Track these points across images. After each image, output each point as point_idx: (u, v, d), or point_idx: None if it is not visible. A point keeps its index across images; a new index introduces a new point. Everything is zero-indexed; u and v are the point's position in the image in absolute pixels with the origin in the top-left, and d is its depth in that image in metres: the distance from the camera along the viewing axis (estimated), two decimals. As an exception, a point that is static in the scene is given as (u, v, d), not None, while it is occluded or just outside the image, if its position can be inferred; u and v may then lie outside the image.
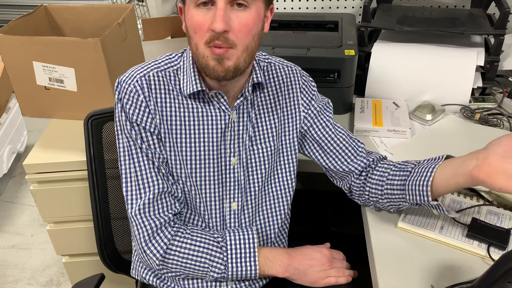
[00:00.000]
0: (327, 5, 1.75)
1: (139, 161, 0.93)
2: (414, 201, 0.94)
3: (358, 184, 1.05)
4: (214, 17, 0.80)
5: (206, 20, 0.81)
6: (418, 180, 0.93)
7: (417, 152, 1.23)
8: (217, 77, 0.86)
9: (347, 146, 1.05)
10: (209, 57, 0.84)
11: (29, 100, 1.43)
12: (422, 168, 0.94)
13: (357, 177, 1.05)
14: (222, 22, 0.79)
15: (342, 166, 1.05)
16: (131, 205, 0.95)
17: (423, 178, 0.92)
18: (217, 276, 0.97)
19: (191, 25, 0.84)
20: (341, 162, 1.05)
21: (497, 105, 1.39)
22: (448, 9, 1.65)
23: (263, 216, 1.05)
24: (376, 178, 1.02)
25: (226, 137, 0.98)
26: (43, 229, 2.15)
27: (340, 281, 1.01)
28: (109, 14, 1.49)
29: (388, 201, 1.00)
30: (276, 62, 1.04)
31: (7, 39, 1.31)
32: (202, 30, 0.82)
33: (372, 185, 1.02)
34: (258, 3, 0.84)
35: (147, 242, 0.95)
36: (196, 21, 0.82)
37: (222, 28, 0.79)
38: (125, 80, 0.92)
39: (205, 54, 0.84)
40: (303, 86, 1.04)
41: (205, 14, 0.81)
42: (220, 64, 0.84)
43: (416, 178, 0.93)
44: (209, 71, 0.85)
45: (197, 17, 0.82)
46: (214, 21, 0.80)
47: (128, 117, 0.91)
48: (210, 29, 0.81)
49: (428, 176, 0.91)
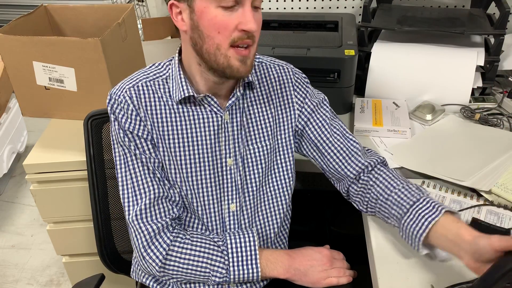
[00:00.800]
0: (327, 5, 1.75)
1: (134, 167, 0.95)
2: (405, 240, 0.92)
3: (356, 191, 1.03)
4: (243, 18, 0.83)
5: (232, 20, 0.83)
6: (413, 228, 0.88)
7: (417, 152, 1.23)
8: (240, 77, 0.89)
9: (342, 147, 1.03)
10: (232, 57, 0.86)
11: (29, 100, 1.43)
12: (419, 215, 0.88)
13: (352, 181, 1.02)
14: (256, 23, 0.83)
15: (337, 169, 1.03)
16: (128, 211, 0.95)
17: (418, 230, 0.87)
18: (219, 280, 0.96)
19: (213, 25, 0.84)
20: (335, 163, 1.03)
21: (497, 105, 1.39)
22: (448, 9, 1.65)
23: (263, 216, 1.05)
24: (372, 192, 0.98)
25: (220, 138, 0.98)
26: (43, 229, 2.15)
27: (341, 281, 1.01)
28: (109, 14, 1.49)
29: (380, 215, 0.99)
30: (268, 61, 1.05)
31: (7, 39, 1.31)
32: (228, 30, 0.83)
33: (369, 195, 0.99)
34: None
35: (146, 248, 0.95)
36: (221, 21, 0.83)
37: (256, 28, 0.83)
38: (115, 92, 0.95)
39: (228, 55, 0.85)
40: (296, 83, 1.04)
41: (230, 15, 0.83)
42: (244, 64, 0.87)
43: (411, 224, 0.89)
44: (232, 71, 0.87)
45: (222, 17, 0.83)
46: (247, 21, 0.83)
47: (121, 126, 0.93)
48: (241, 29, 0.83)
49: (423, 230, 0.87)
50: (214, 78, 0.92)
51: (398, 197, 0.94)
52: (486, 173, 1.11)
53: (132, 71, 1.03)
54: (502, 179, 1.09)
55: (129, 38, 1.45)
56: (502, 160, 1.15)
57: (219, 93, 0.96)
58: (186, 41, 0.91)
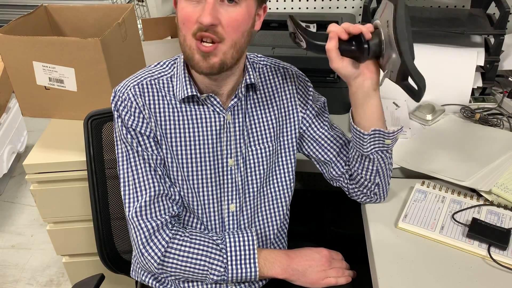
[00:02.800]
0: (327, 5, 1.75)
1: (136, 164, 0.95)
2: (365, 148, 0.97)
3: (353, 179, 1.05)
4: (202, 10, 0.82)
5: (195, 12, 0.83)
6: (351, 132, 0.99)
7: (417, 152, 1.23)
8: (202, 72, 0.87)
9: (345, 144, 1.05)
10: (195, 49, 0.85)
11: (29, 100, 1.43)
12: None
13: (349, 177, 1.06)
14: (209, 16, 0.81)
15: (342, 164, 1.05)
16: (129, 208, 0.96)
17: (350, 126, 0.99)
18: (217, 278, 0.96)
19: (180, 17, 0.85)
20: (340, 158, 1.05)
21: (497, 105, 1.39)
22: (448, 9, 1.65)
23: (262, 217, 1.05)
24: (350, 166, 1.04)
25: (222, 138, 0.98)
26: (43, 229, 2.15)
27: (340, 282, 1.01)
28: (109, 14, 1.49)
29: (365, 172, 1.01)
30: (272, 64, 1.05)
31: (7, 39, 1.31)
32: (190, 22, 0.83)
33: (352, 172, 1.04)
34: (249, 1, 0.85)
35: (145, 244, 0.95)
36: (186, 13, 0.84)
37: (209, 21, 0.81)
38: (119, 89, 0.95)
39: (192, 46, 0.86)
40: (299, 86, 1.05)
41: (195, 7, 0.83)
42: (205, 60, 0.85)
43: (351, 133, 0.99)
44: (194, 64, 0.87)
45: (186, 9, 0.84)
46: (202, 14, 0.81)
47: (124, 123, 0.93)
48: (198, 22, 0.82)
49: (350, 120, 0.98)
50: (202, 77, 0.92)
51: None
52: (486, 173, 1.11)
53: (132, 71, 1.03)
54: (502, 179, 1.08)
55: (129, 38, 1.45)
56: (502, 160, 1.15)
57: (219, 92, 0.96)
58: None
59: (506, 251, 0.93)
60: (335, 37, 0.88)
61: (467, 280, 0.88)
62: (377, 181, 1.03)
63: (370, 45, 0.87)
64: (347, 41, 0.88)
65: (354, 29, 0.87)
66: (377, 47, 0.88)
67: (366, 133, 0.95)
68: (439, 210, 1.04)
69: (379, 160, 0.99)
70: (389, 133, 0.96)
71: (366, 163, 1.00)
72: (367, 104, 0.94)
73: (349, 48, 0.89)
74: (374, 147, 0.97)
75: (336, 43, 0.88)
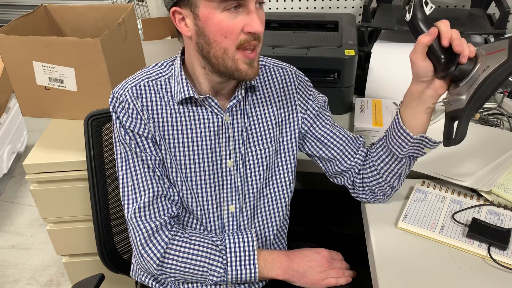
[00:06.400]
0: (327, 5, 1.75)
1: (135, 165, 0.95)
2: (403, 151, 0.95)
3: (360, 176, 1.05)
4: (248, 20, 0.82)
5: (237, 23, 0.82)
6: (392, 131, 0.96)
7: (417, 152, 1.22)
8: (249, 79, 0.88)
9: (345, 140, 1.04)
10: (239, 60, 0.85)
11: (29, 100, 1.43)
12: (390, 125, 0.98)
13: (359, 168, 1.05)
14: (261, 24, 0.82)
15: (344, 160, 1.04)
16: (128, 209, 0.96)
17: (395, 125, 0.95)
18: (216, 279, 0.96)
19: (220, 30, 0.83)
20: (342, 154, 1.04)
21: (497, 105, 1.39)
22: (448, 9, 1.65)
23: (262, 218, 1.05)
24: (368, 162, 1.03)
25: (220, 139, 0.98)
26: (43, 229, 2.15)
27: (340, 282, 1.01)
28: (109, 14, 1.49)
29: (388, 173, 1.00)
30: (271, 64, 1.04)
31: (7, 39, 1.31)
32: (234, 33, 0.83)
33: (368, 169, 1.03)
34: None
35: (144, 245, 0.95)
36: (226, 25, 0.82)
37: (262, 29, 0.82)
38: (117, 91, 0.95)
39: (236, 57, 0.85)
40: (299, 86, 1.04)
41: (235, 18, 0.82)
42: (251, 66, 0.87)
43: (391, 131, 0.97)
44: (240, 74, 0.87)
45: (227, 22, 0.82)
46: (252, 23, 0.82)
47: (123, 125, 0.93)
48: (247, 32, 0.82)
49: (397, 119, 0.95)
50: (219, 79, 0.92)
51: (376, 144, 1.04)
52: (486, 173, 1.11)
53: (132, 71, 1.03)
54: (502, 179, 1.08)
55: (129, 38, 1.45)
56: (502, 160, 1.15)
57: (223, 92, 0.96)
58: (189, 45, 0.91)
59: (506, 251, 0.93)
60: (434, 35, 0.82)
61: (467, 280, 0.88)
62: (394, 184, 1.03)
63: (456, 70, 0.83)
64: (442, 47, 0.83)
65: (457, 44, 0.81)
66: (459, 75, 0.83)
67: (415, 137, 0.93)
68: (439, 210, 1.04)
69: (407, 164, 0.99)
70: (434, 143, 0.94)
71: (394, 165, 0.99)
72: (419, 108, 0.92)
73: (437, 55, 0.83)
74: (411, 152, 0.96)
75: (431, 41, 0.82)
